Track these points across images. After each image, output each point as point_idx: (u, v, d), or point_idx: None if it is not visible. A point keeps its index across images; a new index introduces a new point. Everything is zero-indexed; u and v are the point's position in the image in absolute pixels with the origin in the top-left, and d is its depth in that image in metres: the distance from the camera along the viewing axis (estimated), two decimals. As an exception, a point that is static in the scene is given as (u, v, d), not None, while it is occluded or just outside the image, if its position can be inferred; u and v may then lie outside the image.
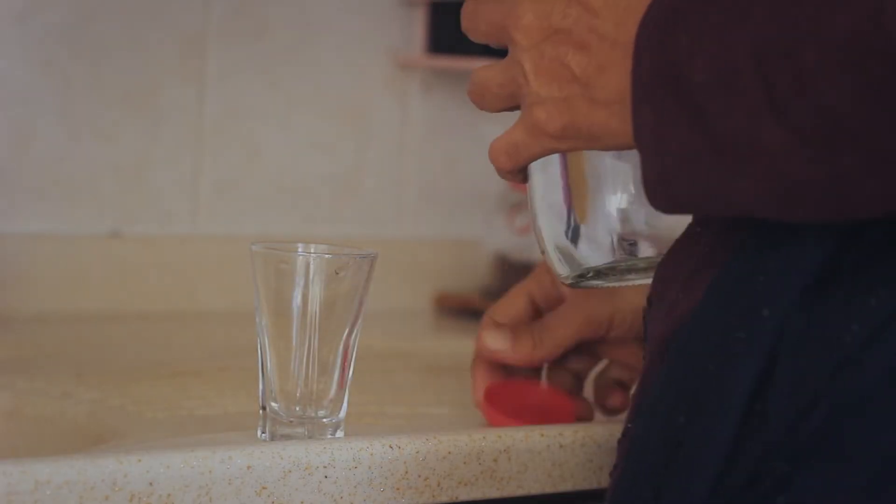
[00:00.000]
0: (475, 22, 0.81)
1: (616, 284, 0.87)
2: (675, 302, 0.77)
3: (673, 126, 0.69)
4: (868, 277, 0.69)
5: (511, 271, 1.73)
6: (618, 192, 0.82)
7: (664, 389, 0.76)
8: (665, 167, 0.70)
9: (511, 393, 1.06)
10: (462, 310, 1.71)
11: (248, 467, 0.89)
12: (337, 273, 0.95)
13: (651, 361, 0.79)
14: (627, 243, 0.83)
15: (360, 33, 1.71)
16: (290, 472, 0.90)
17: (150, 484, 0.85)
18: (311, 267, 0.94)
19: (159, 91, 1.59)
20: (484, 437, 0.98)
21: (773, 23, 0.65)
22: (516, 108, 0.80)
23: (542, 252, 0.86)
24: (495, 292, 1.73)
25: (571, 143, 0.77)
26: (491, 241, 1.77)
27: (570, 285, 0.87)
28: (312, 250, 0.96)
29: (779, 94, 0.65)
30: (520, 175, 0.82)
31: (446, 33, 1.74)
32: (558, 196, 0.83)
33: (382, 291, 1.45)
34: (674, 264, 0.80)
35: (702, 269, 0.76)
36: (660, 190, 0.72)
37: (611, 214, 0.82)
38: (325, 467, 0.92)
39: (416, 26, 1.74)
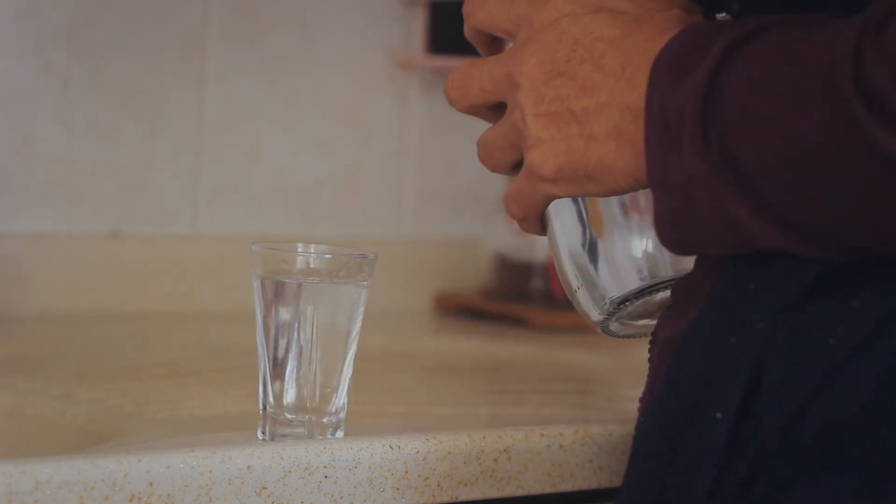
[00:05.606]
0: (480, 80, 0.79)
1: (634, 333, 0.86)
2: (681, 308, 0.79)
3: (682, 165, 0.70)
4: (852, 284, 0.70)
5: (511, 271, 1.72)
6: (634, 236, 0.81)
7: (667, 392, 0.77)
8: (674, 206, 0.71)
9: None
10: (462, 310, 1.71)
11: (248, 467, 0.89)
12: (337, 273, 0.95)
13: (658, 364, 0.81)
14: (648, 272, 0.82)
15: (360, 33, 1.71)
16: (290, 472, 0.90)
17: (150, 484, 0.85)
18: (311, 267, 0.94)
19: (159, 91, 1.59)
20: (484, 437, 0.98)
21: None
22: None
23: (571, 298, 0.85)
24: (495, 292, 1.73)
25: (568, 185, 0.76)
26: (491, 241, 1.77)
27: (603, 330, 0.85)
28: (312, 250, 0.96)
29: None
30: (537, 225, 0.81)
31: (446, 33, 1.74)
32: (576, 241, 0.82)
33: (382, 291, 1.45)
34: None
35: (704, 277, 0.77)
36: (668, 230, 0.73)
37: (630, 255, 0.82)
38: (325, 467, 0.92)
39: (416, 26, 1.74)
